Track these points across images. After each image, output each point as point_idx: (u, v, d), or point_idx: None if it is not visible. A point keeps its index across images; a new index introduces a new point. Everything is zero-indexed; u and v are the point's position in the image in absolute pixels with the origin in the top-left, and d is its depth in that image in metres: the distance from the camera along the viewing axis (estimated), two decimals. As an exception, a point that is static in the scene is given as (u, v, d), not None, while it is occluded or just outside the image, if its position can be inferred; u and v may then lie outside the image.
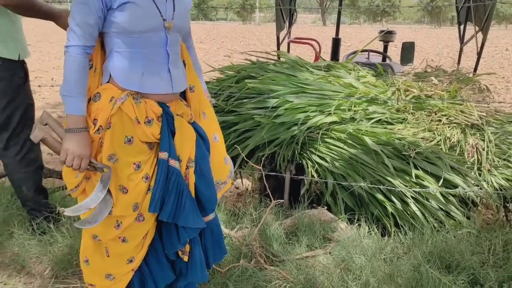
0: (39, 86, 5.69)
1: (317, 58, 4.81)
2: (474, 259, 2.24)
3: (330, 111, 2.97)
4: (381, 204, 2.69)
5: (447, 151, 2.81)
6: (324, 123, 2.95)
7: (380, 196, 2.67)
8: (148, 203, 1.64)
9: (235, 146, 2.96)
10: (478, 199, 2.67)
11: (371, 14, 49.98)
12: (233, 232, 2.59)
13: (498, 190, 2.63)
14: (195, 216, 1.71)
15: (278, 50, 5.23)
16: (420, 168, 2.68)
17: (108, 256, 1.74)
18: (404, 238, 2.53)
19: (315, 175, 2.84)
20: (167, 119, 1.67)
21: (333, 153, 2.86)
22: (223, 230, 2.56)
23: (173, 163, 1.65)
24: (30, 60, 2.56)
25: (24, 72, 2.45)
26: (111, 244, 1.71)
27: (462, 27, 4.99)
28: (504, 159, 2.79)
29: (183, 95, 1.83)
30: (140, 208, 1.65)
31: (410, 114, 3.03)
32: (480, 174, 2.72)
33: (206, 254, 1.90)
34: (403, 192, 2.62)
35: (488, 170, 2.72)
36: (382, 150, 2.72)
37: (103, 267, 1.74)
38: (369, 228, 2.63)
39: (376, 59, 5.13)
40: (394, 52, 10.12)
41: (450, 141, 2.84)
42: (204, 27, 34.42)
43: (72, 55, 1.52)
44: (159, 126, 1.64)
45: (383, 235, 2.64)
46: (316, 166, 2.87)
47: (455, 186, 2.62)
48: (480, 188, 2.63)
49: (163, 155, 1.64)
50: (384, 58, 5.12)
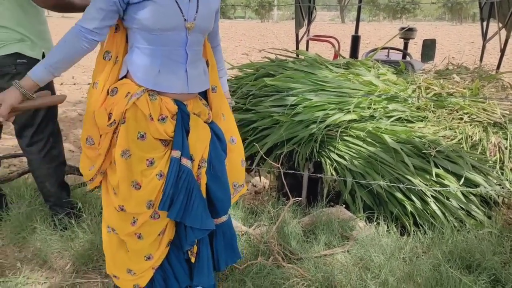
0: (61, 84, 5.78)
1: (336, 55, 4.78)
2: (496, 259, 2.20)
3: (349, 109, 2.95)
4: (400, 203, 2.66)
5: (469, 149, 2.77)
6: (343, 121, 2.94)
7: (399, 195, 2.65)
8: None
9: (254, 143, 2.97)
10: (500, 199, 2.63)
11: (391, 11, 49.39)
12: (251, 229, 2.60)
13: (521, 190, 2.58)
14: (204, 217, 1.69)
15: (297, 47, 5.22)
16: (440, 167, 2.65)
17: (127, 252, 1.77)
18: (424, 238, 2.50)
19: (334, 173, 2.83)
20: (183, 117, 1.67)
21: (352, 151, 2.85)
22: (241, 228, 2.57)
23: (185, 162, 1.65)
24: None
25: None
26: (128, 240, 1.73)
27: (485, 23, 4.89)
28: (527, 158, 2.73)
29: (203, 95, 1.83)
30: (155, 205, 1.66)
31: (431, 112, 3.00)
32: (502, 173, 2.68)
33: (218, 257, 1.89)
34: (423, 191, 2.59)
35: (511, 169, 2.67)
36: (401, 149, 2.69)
37: (125, 262, 1.77)
38: (388, 227, 2.61)
39: (396, 56, 5.07)
40: (415, 49, 9.99)
41: (471, 139, 2.80)
42: (222, 25, 34.45)
43: (70, 31, 1.55)
44: (173, 124, 1.64)
45: (402, 234, 2.62)
46: (335, 164, 2.85)
47: (477, 185, 2.58)
48: (502, 188, 2.59)
49: (176, 154, 1.64)
50: (405, 55, 5.05)
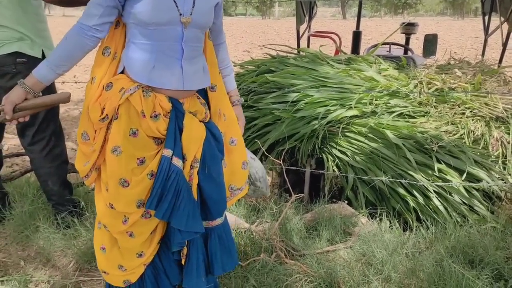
0: (62, 83, 5.78)
1: (337, 51, 4.77)
2: (499, 254, 2.20)
3: (351, 105, 2.95)
4: (402, 198, 2.66)
5: (471, 144, 2.76)
6: (345, 117, 2.93)
7: (401, 191, 2.64)
8: None
9: (255, 140, 2.97)
10: (502, 194, 2.62)
11: (392, 7, 49.21)
12: (253, 226, 2.60)
13: (523, 184, 2.58)
14: (190, 219, 1.64)
15: (298, 44, 5.21)
16: (443, 162, 2.64)
17: (119, 248, 1.75)
18: (426, 233, 2.50)
19: (336, 169, 2.83)
20: (177, 116, 1.63)
21: (353, 147, 2.85)
22: (243, 225, 2.57)
23: (175, 161, 1.62)
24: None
25: (48, 69, 2.50)
26: (120, 238, 1.71)
27: (486, 17, 4.87)
28: (530, 153, 2.73)
29: (203, 93, 1.79)
30: (145, 205, 1.64)
31: (432, 107, 2.99)
32: (504, 168, 2.67)
33: (212, 260, 1.83)
34: (425, 186, 2.59)
35: (513, 164, 2.66)
36: (403, 144, 2.69)
37: (116, 258, 1.75)
38: (390, 223, 2.61)
39: (398, 52, 5.06)
40: (416, 45, 9.96)
41: (474, 134, 2.79)
42: (223, 22, 34.44)
43: (72, 29, 1.56)
44: (166, 122, 1.61)
45: (404, 230, 2.61)
46: (337, 160, 2.85)
47: (479, 180, 2.57)
48: (505, 182, 2.58)
49: (167, 152, 1.61)
50: (406, 50, 5.04)
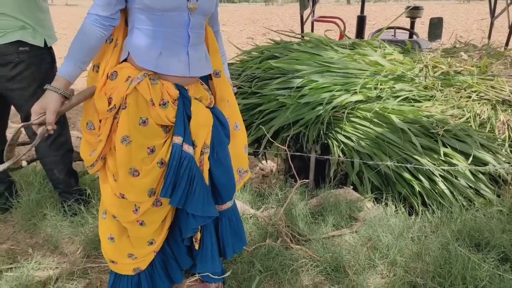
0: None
1: (341, 36, 4.73)
2: (505, 237, 2.20)
3: (356, 89, 2.93)
4: (408, 183, 2.65)
5: (477, 128, 2.74)
6: (350, 102, 2.92)
7: (407, 175, 2.63)
8: None
9: (260, 126, 2.96)
10: (509, 177, 2.61)
11: (397, -9, 48.57)
12: (259, 212, 2.61)
13: (530, 167, 2.56)
14: (206, 204, 1.67)
15: (302, 29, 5.16)
16: (448, 146, 2.63)
17: (128, 237, 1.76)
18: (432, 217, 2.50)
19: (341, 154, 2.82)
20: (184, 103, 1.64)
21: (359, 132, 2.83)
22: (249, 210, 2.58)
23: (186, 148, 1.63)
24: (56, 47, 2.60)
25: (51, 58, 2.50)
26: (130, 227, 1.72)
27: (493, 0, 4.80)
28: (537, 136, 2.70)
29: (205, 80, 1.81)
30: (157, 193, 1.65)
31: (438, 91, 2.96)
32: (511, 151, 2.65)
33: (223, 244, 1.88)
34: (431, 170, 2.58)
35: (520, 147, 2.64)
36: (409, 129, 2.67)
37: (126, 247, 1.76)
38: (396, 207, 2.61)
39: (403, 36, 5.01)
40: (422, 29, 9.85)
41: (480, 117, 2.77)
42: (226, 9, 34.28)
43: (86, 22, 1.53)
44: (174, 110, 1.62)
45: (410, 214, 2.61)
46: (342, 145, 2.84)
47: (485, 164, 2.56)
48: (511, 166, 2.56)
49: (178, 140, 1.62)
50: (411, 34, 4.99)
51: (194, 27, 1.63)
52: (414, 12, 4.92)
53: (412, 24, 5.14)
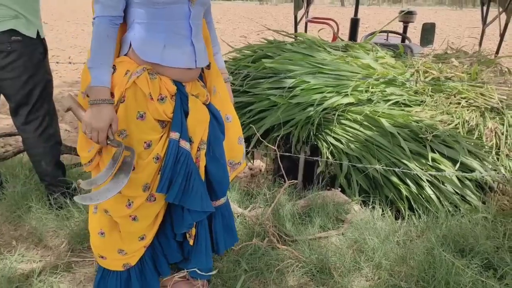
0: (57, 63, 5.71)
1: (335, 38, 4.74)
2: (489, 243, 2.22)
3: (347, 92, 2.94)
4: (395, 187, 2.67)
5: (465, 134, 2.77)
6: (341, 104, 2.92)
7: (395, 179, 2.65)
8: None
9: (250, 126, 2.96)
10: (495, 184, 2.64)
11: (391, -5, 48.85)
12: (246, 211, 2.60)
13: (516, 175, 2.59)
14: (203, 200, 1.69)
15: (295, 29, 5.17)
16: (437, 152, 2.65)
17: (119, 232, 1.76)
18: (418, 222, 2.51)
19: (330, 156, 2.83)
20: (181, 99, 1.65)
21: (348, 134, 2.84)
22: (237, 209, 2.58)
23: (183, 144, 1.64)
24: (47, 39, 2.58)
25: (44, 49, 2.48)
26: (122, 222, 1.71)
27: (485, 8, 4.85)
28: (523, 144, 2.74)
29: (199, 75, 1.81)
30: (151, 188, 1.65)
31: (428, 96, 2.98)
32: (498, 159, 2.68)
33: (217, 239, 1.90)
34: (418, 175, 2.60)
35: (507, 155, 2.68)
36: (398, 133, 2.69)
37: (116, 242, 1.75)
38: (383, 211, 2.62)
39: (395, 40, 5.04)
40: (414, 34, 9.92)
41: (468, 124, 2.79)
42: (221, 7, 34.19)
43: (97, 26, 1.51)
44: (172, 105, 1.62)
45: (396, 218, 2.63)
46: (331, 147, 2.85)
47: (472, 170, 2.59)
48: (498, 173, 2.59)
49: (175, 135, 1.62)
50: (403, 39, 5.02)
51: (195, 18, 1.64)
52: (407, 16, 4.95)
53: (405, 29, 5.17)
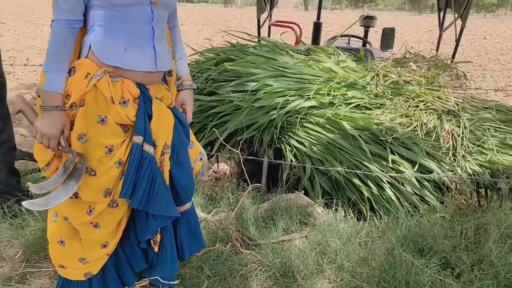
0: (11, 65, 5.50)
1: (297, 42, 4.78)
2: (447, 243, 2.28)
3: (309, 95, 2.96)
4: (357, 188, 2.71)
5: (423, 136, 2.84)
6: (303, 107, 2.95)
7: (356, 181, 2.69)
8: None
9: (214, 129, 2.93)
10: (452, 184, 2.72)
11: (353, 0, 49.90)
12: (209, 216, 2.58)
13: (471, 176, 2.68)
14: (168, 205, 1.66)
15: (258, 33, 5.18)
16: (396, 153, 2.71)
17: (81, 240, 1.69)
18: (379, 222, 2.56)
19: (293, 159, 2.84)
20: (145, 102, 1.60)
21: (311, 137, 2.86)
22: (200, 214, 2.55)
23: (147, 148, 1.60)
24: (4, 39, 2.49)
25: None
26: (83, 229, 1.66)
27: (442, 13, 5.01)
28: (478, 145, 2.84)
29: (164, 78, 1.78)
30: (113, 194, 1.60)
31: (388, 99, 3.05)
32: (454, 160, 2.76)
33: (181, 245, 1.85)
34: (379, 177, 2.64)
35: (463, 156, 2.76)
36: (359, 135, 2.73)
37: (77, 250, 1.69)
38: (345, 213, 2.66)
39: (357, 44, 5.13)
40: (375, 38, 10.15)
41: (426, 127, 2.87)
42: (185, 9, 33.97)
43: (54, 29, 1.47)
44: (135, 108, 1.57)
45: (359, 220, 2.67)
46: (295, 150, 2.86)
47: (430, 171, 2.66)
48: (454, 174, 2.67)
49: (138, 139, 1.58)
50: (364, 43, 5.12)
51: (157, 21, 1.60)
52: (367, 21, 5.05)
53: (366, 33, 5.27)
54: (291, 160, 2.83)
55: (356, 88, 3.10)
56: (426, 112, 2.94)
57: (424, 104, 2.99)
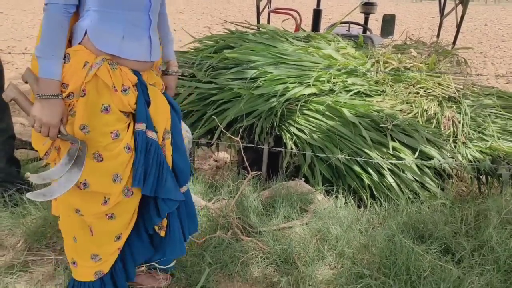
0: (9, 54, 5.47)
1: (297, 29, 4.75)
2: (447, 229, 2.28)
3: (309, 82, 2.95)
4: (358, 176, 2.70)
5: (424, 123, 2.83)
6: (303, 94, 2.93)
7: (357, 168, 2.69)
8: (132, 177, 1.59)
9: (213, 117, 2.92)
10: (452, 171, 2.71)
11: (353, -13, 49.48)
12: (210, 203, 2.58)
13: (472, 162, 2.68)
14: (176, 188, 1.68)
15: (258, 20, 5.14)
16: (397, 140, 2.70)
17: (93, 235, 1.66)
18: (380, 209, 2.56)
19: (294, 147, 2.84)
20: (142, 89, 1.60)
21: (311, 125, 2.86)
22: (200, 202, 2.55)
23: (150, 134, 1.60)
24: (2, 28, 2.46)
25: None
26: (97, 222, 1.63)
27: (442, 0, 4.97)
28: (479, 132, 2.83)
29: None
30: (123, 180, 1.58)
31: (388, 86, 3.03)
32: (455, 146, 2.76)
33: (183, 227, 1.87)
34: (379, 164, 2.64)
35: (463, 143, 2.76)
36: (360, 122, 2.72)
37: (89, 247, 1.67)
38: (345, 200, 2.66)
39: (357, 31, 5.09)
40: (376, 25, 10.08)
41: (427, 113, 2.86)
42: (184, -4, 33.64)
43: (50, 13, 1.42)
44: (135, 95, 1.57)
45: (359, 207, 2.67)
46: (295, 138, 2.86)
47: (431, 158, 2.65)
48: (455, 160, 2.67)
49: (141, 126, 1.57)
50: (365, 30, 5.08)
51: (153, 10, 1.59)
52: (368, 8, 5.01)
53: (366, 20, 5.24)
54: (291, 148, 2.82)
55: (356, 75, 3.08)
56: (426, 99, 2.93)
57: (425, 91, 2.98)
